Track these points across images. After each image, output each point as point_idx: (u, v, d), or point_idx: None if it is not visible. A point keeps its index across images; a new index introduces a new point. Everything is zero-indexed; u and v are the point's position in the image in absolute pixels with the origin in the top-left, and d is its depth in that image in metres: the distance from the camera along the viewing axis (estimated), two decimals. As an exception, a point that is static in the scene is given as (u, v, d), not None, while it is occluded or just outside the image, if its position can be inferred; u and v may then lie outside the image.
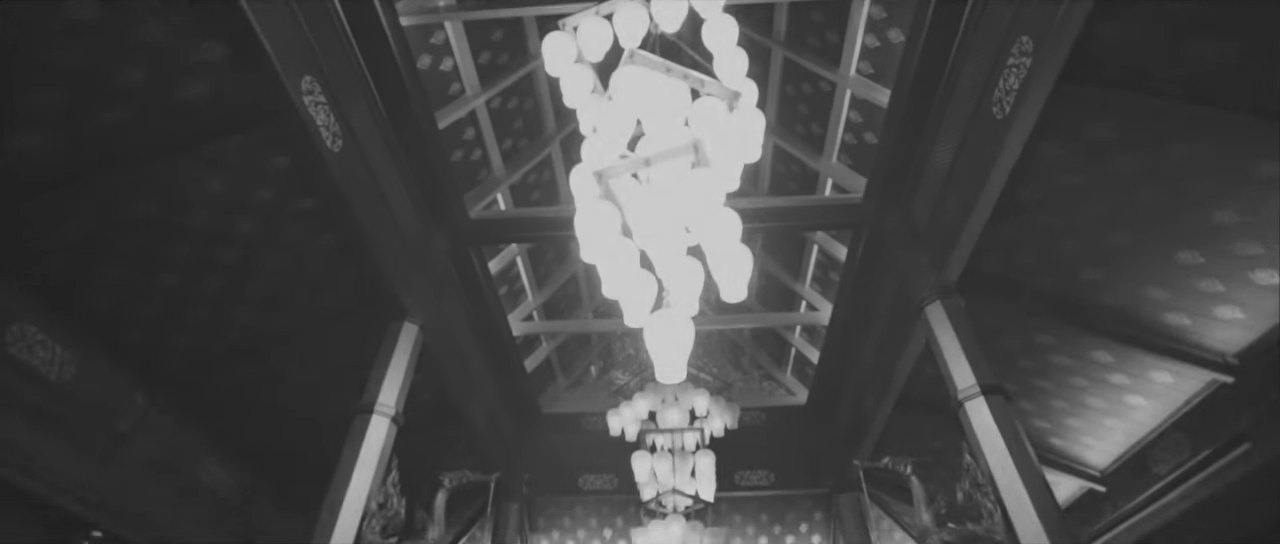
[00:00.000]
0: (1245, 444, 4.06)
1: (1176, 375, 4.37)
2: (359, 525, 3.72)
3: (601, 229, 2.76)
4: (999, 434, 3.71)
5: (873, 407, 6.17)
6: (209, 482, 5.07)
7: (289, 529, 5.98)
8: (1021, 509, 3.39)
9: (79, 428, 3.99)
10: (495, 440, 6.89)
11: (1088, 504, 5.64)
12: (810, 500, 7.76)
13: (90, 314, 3.90)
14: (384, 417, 4.24)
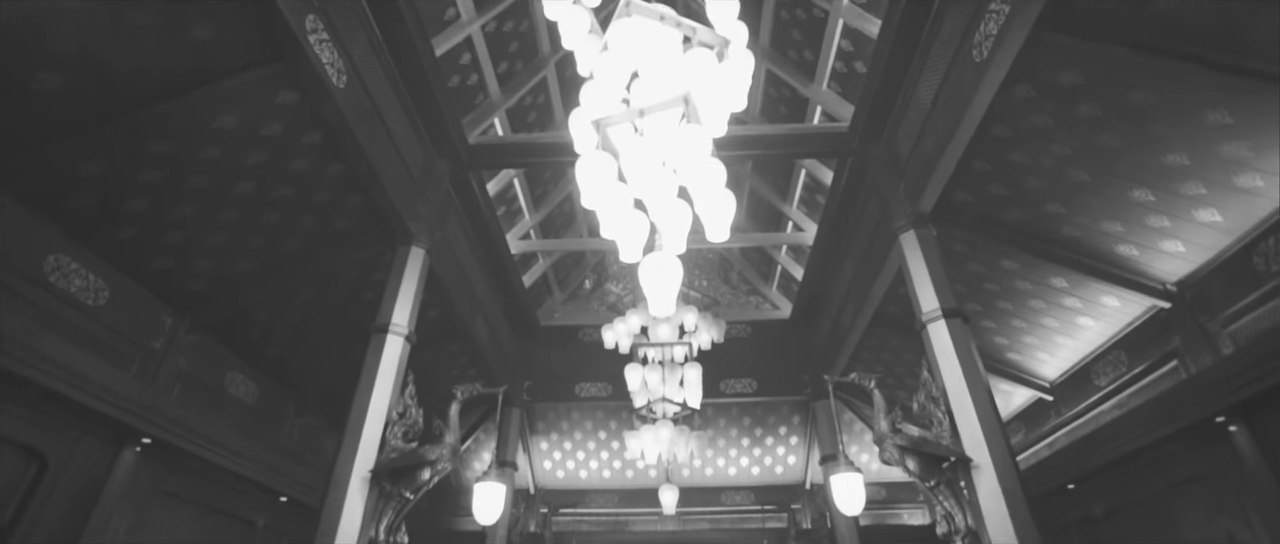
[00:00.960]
0: (1173, 361, 4.54)
1: (1122, 300, 4.79)
2: (383, 432, 4.17)
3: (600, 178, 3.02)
4: (955, 353, 4.13)
5: (850, 322, 6.63)
6: (235, 392, 5.51)
7: (308, 430, 6.53)
8: (967, 419, 3.86)
9: (118, 347, 4.36)
10: (497, 353, 7.35)
11: (1037, 411, 6.23)
12: (789, 406, 8.40)
13: (118, 244, 4.16)
14: (398, 336, 4.61)
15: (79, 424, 3.82)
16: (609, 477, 9.03)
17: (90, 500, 3.88)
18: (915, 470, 3.85)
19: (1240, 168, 3.71)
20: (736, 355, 8.09)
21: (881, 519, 8.41)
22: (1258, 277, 3.95)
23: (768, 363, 8.22)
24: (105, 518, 3.96)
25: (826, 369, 7.22)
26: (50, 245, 3.88)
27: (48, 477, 3.69)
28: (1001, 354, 5.99)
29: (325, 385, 6.15)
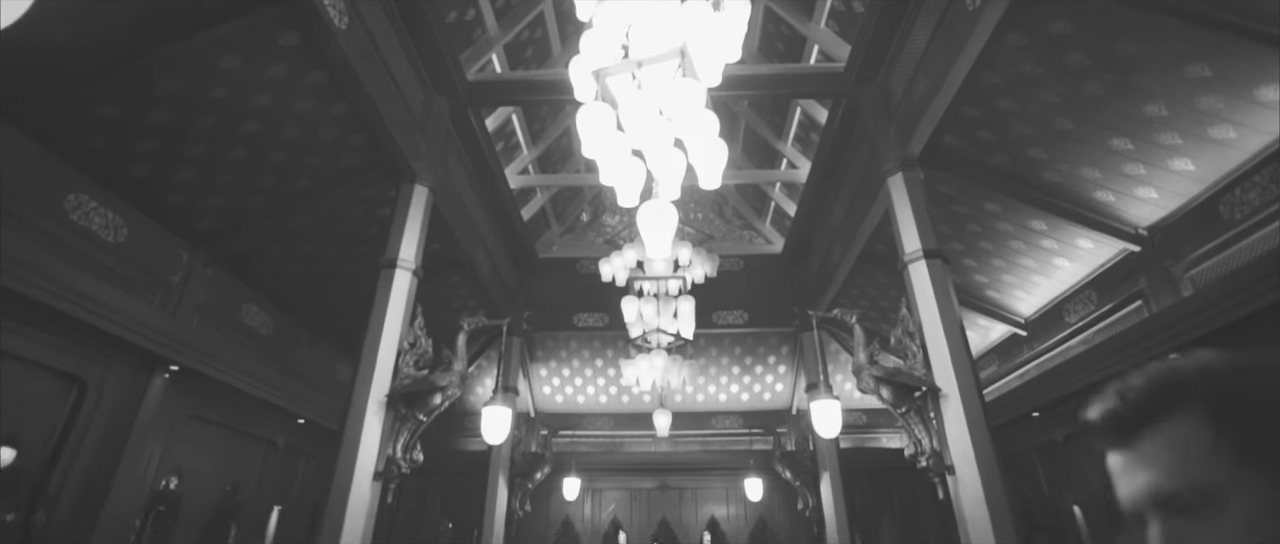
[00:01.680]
0: (1138, 301, 4.82)
1: (1096, 243, 5.02)
2: (395, 361, 4.45)
3: (599, 128, 3.18)
4: (932, 292, 4.38)
5: (838, 259, 6.88)
6: (250, 322, 5.78)
7: (321, 357, 6.86)
8: (939, 352, 4.15)
9: (140, 281, 4.57)
10: (498, 284, 7.61)
11: (1011, 345, 6.58)
12: (778, 337, 8.76)
13: (133, 183, 4.30)
14: (406, 271, 4.83)
15: (111, 353, 4.08)
16: (605, 402, 9.49)
17: (127, 423, 4.20)
18: (889, 398, 4.17)
19: (1215, 120, 3.86)
20: (729, 288, 8.37)
21: (861, 442, 8.94)
22: (1222, 224, 4.17)
23: (759, 296, 8.51)
24: (141, 438, 4.29)
25: (815, 303, 7.53)
26: (70, 185, 4.03)
27: (88, 400, 3.99)
28: (981, 292, 6.27)
29: (335, 316, 6.42)
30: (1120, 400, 0.69)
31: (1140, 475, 0.66)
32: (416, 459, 4.35)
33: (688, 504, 8.76)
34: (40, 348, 3.65)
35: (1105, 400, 0.71)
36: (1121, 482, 0.68)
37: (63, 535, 3.76)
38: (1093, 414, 0.71)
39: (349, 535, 3.82)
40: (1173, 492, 0.63)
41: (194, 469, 4.88)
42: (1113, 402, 0.70)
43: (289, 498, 5.96)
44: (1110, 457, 0.69)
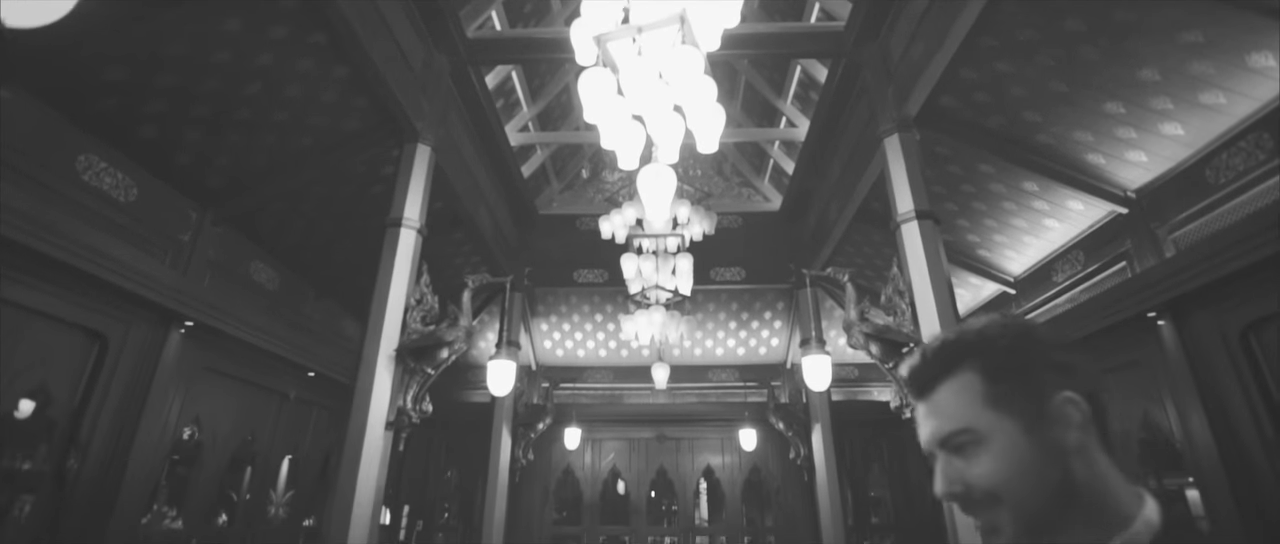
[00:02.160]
0: (1123, 262, 4.97)
1: (1086, 204, 5.13)
2: (403, 317, 4.62)
3: (600, 93, 3.26)
4: (923, 252, 4.52)
5: (835, 217, 6.99)
6: (258, 279, 5.92)
7: (327, 313, 7.03)
8: (927, 310, 4.31)
9: (152, 239, 4.69)
10: (499, 241, 7.73)
11: (1000, 303, 6.76)
12: (775, 293, 8.94)
13: (142, 144, 4.38)
14: (411, 229, 4.95)
15: (131, 310, 4.23)
16: (605, 355, 9.74)
17: (148, 376, 4.38)
18: (877, 354, 4.36)
19: (1205, 85, 3.93)
20: (727, 245, 8.50)
21: (853, 395, 9.23)
22: (1208, 188, 4.28)
23: (756, 253, 8.65)
24: (162, 390, 4.48)
25: (811, 260, 7.67)
26: (80, 146, 4.10)
27: (110, 355, 4.15)
28: (973, 251, 6.41)
29: (340, 273, 6.56)
30: (922, 359, 0.82)
31: (932, 421, 0.80)
32: (426, 410, 4.55)
33: (685, 454, 9.09)
34: (64, 305, 3.79)
35: (912, 360, 0.84)
36: (921, 426, 0.82)
37: (94, 480, 3.98)
38: (903, 371, 0.87)
39: (364, 481, 4.05)
40: (950, 433, 0.77)
41: (212, 420, 5.09)
42: (917, 360, 0.83)
43: (301, 447, 6.22)
44: (916, 406, 0.82)
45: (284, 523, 6.07)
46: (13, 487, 4.13)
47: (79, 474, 3.87)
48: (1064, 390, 0.76)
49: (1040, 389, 0.76)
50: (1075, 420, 0.74)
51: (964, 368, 0.79)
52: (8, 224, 3.23)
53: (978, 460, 0.75)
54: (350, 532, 3.89)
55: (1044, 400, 0.75)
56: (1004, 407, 0.75)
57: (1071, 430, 0.74)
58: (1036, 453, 0.73)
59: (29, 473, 4.49)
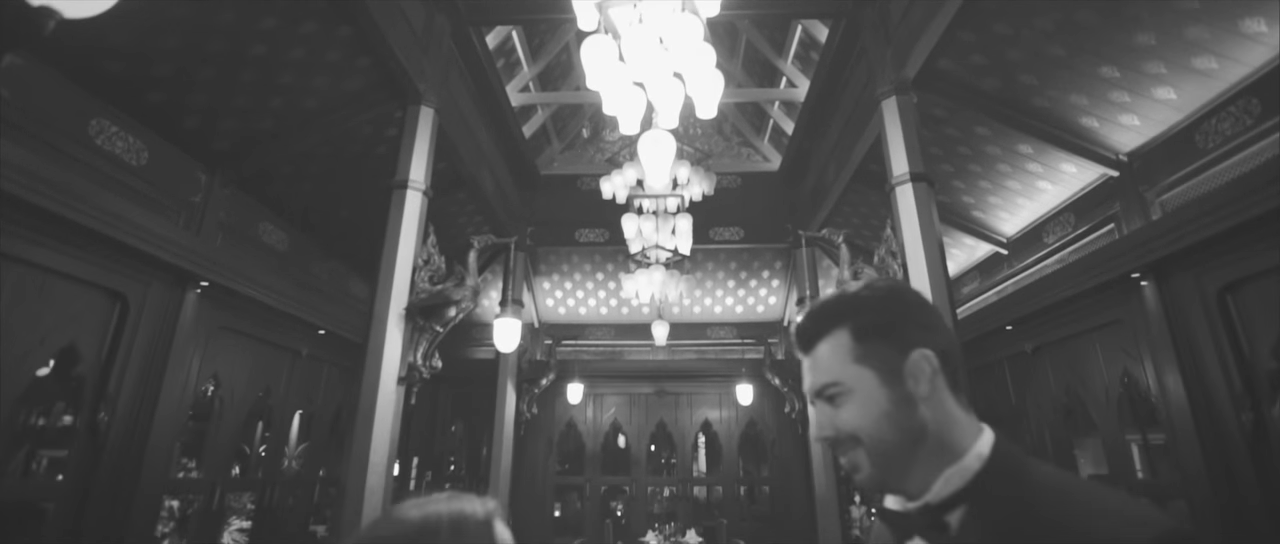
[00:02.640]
0: (1111, 224, 5.09)
1: (1079, 167, 5.22)
2: (412, 277, 4.77)
3: (602, 60, 3.34)
4: (916, 214, 4.63)
5: (832, 178, 7.08)
6: (267, 240, 6.05)
7: (335, 273, 7.18)
8: (918, 271, 4.46)
9: (164, 201, 4.80)
10: (501, 201, 7.83)
11: (993, 263, 6.90)
12: (773, 253, 9.08)
13: (150, 107, 4.44)
14: (416, 191, 5.05)
15: (149, 271, 4.37)
16: (606, 313, 9.94)
17: (168, 335, 4.55)
18: (870, 315, 4.53)
19: (1199, 50, 3.98)
20: (726, 205, 8.60)
21: (848, 351, 9.47)
22: (1196, 152, 4.37)
23: (755, 213, 8.75)
24: (182, 348, 4.65)
25: (809, 220, 7.79)
26: (91, 110, 4.18)
27: (131, 315, 4.32)
28: (968, 212, 6.52)
29: (347, 232, 6.68)
30: (805, 319, 0.94)
31: (811, 374, 0.92)
32: (435, 366, 4.75)
33: (683, 408, 9.38)
34: (86, 267, 3.93)
35: (800, 319, 0.96)
36: (804, 377, 0.94)
37: (124, 433, 4.19)
38: (792, 331, 1.00)
39: (378, 433, 4.27)
40: (824, 385, 0.89)
41: (229, 376, 5.29)
42: (802, 320, 0.95)
43: (314, 402, 6.46)
44: (802, 360, 0.94)
45: (298, 474, 6.35)
46: (54, 440, 4.36)
47: (110, 427, 4.08)
48: (918, 347, 0.87)
49: (898, 347, 0.87)
50: (926, 373, 0.86)
51: (837, 328, 0.90)
52: (33, 190, 3.34)
53: (845, 408, 0.87)
54: (367, 480, 4.12)
55: (901, 357, 0.86)
56: (867, 362, 0.87)
57: (922, 382, 0.85)
58: (892, 402, 0.85)
59: (65, 429, 4.70)
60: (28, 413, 5.36)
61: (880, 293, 0.93)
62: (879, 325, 0.89)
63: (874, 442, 0.85)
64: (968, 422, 0.88)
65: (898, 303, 0.92)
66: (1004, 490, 0.79)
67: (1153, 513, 0.73)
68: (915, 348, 0.87)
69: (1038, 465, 0.83)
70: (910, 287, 0.97)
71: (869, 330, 0.89)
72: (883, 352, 0.88)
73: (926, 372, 0.86)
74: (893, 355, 0.87)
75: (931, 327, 0.91)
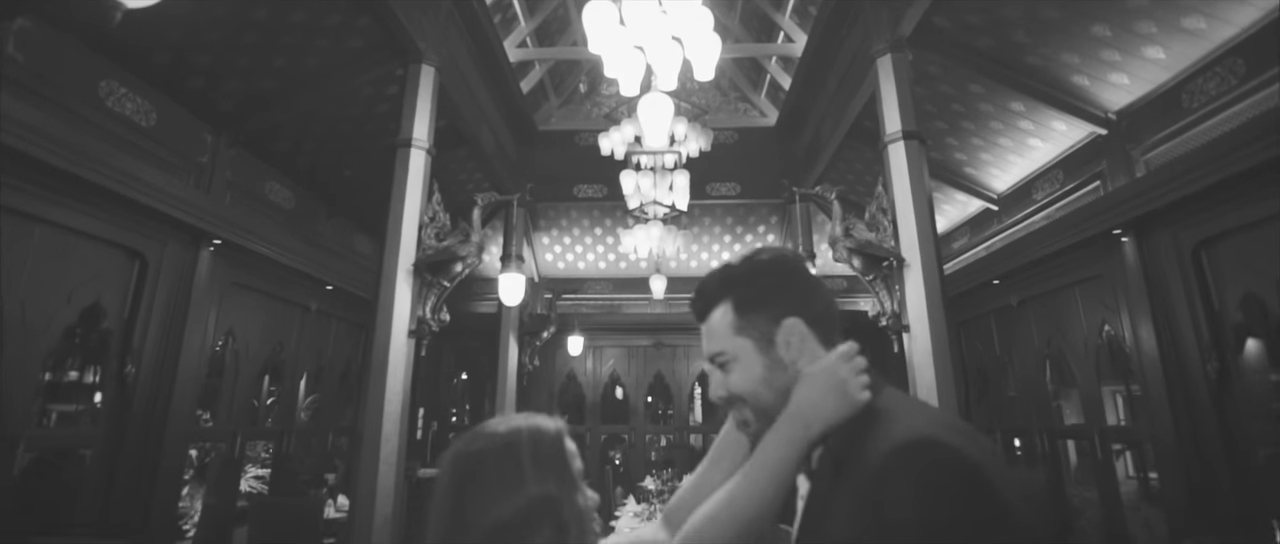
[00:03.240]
0: (1098, 181, 5.23)
1: (1069, 125, 5.33)
2: (418, 234, 4.91)
3: (604, 24, 3.42)
4: (908, 172, 4.77)
5: (828, 134, 7.16)
6: (274, 198, 6.16)
7: (340, 229, 7.32)
8: (908, 227, 4.62)
9: (174, 162, 4.91)
10: (501, 157, 7.91)
11: (984, 218, 7.06)
12: (769, 208, 9.20)
13: (157, 69, 4.50)
14: (420, 149, 5.15)
15: (166, 230, 4.51)
16: (604, 267, 10.12)
17: (185, 291, 4.72)
18: (859, 267, 4.71)
19: (1188, 10, 4.06)
20: (723, 161, 8.67)
21: (841, 305, 9.69)
22: (1182, 111, 4.49)
23: (751, 168, 8.84)
24: (199, 304, 4.83)
25: (805, 175, 7.89)
26: (100, 72, 4.24)
27: (150, 272, 4.48)
28: (960, 168, 6.64)
29: (351, 190, 6.79)
30: (697, 293, 1.04)
31: (705, 343, 1.02)
32: (444, 319, 4.94)
33: (680, 360, 9.66)
34: (106, 226, 4.07)
35: (697, 290, 1.05)
36: (703, 345, 1.04)
37: (150, 384, 4.41)
38: (691, 301, 1.07)
39: (392, 384, 4.48)
40: (714, 354, 1.00)
41: (243, 331, 5.49)
42: (697, 292, 1.04)
43: (324, 355, 6.68)
44: (701, 328, 1.04)
45: (310, 423, 6.63)
46: (87, 391, 4.57)
47: (137, 378, 4.30)
48: (789, 316, 0.96)
49: (772, 317, 0.97)
50: (794, 340, 0.96)
51: (722, 302, 1.01)
52: (54, 152, 3.46)
53: (732, 374, 0.98)
54: (383, 428, 4.36)
55: (774, 326, 0.96)
56: (746, 333, 0.98)
57: (792, 348, 0.95)
58: (767, 367, 0.96)
59: (73, 384, 4.91)
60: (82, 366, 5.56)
61: (757, 267, 1.02)
62: (755, 299, 0.98)
63: (755, 401, 0.97)
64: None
65: (772, 276, 1.00)
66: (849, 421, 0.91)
67: (941, 422, 0.83)
68: (786, 317, 0.97)
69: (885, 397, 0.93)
70: (789, 257, 1.05)
71: (746, 304, 0.98)
72: (758, 323, 0.97)
73: (795, 338, 0.96)
74: (767, 325, 0.97)
75: (804, 294, 1.00)
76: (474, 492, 0.98)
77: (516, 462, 0.99)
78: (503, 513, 0.95)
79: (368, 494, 4.22)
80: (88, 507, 4.05)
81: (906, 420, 0.84)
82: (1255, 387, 4.05)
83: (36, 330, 3.68)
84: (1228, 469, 3.96)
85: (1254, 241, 3.78)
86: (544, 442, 1.03)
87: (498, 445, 1.01)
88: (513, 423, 1.05)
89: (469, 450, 1.02)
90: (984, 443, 0.82)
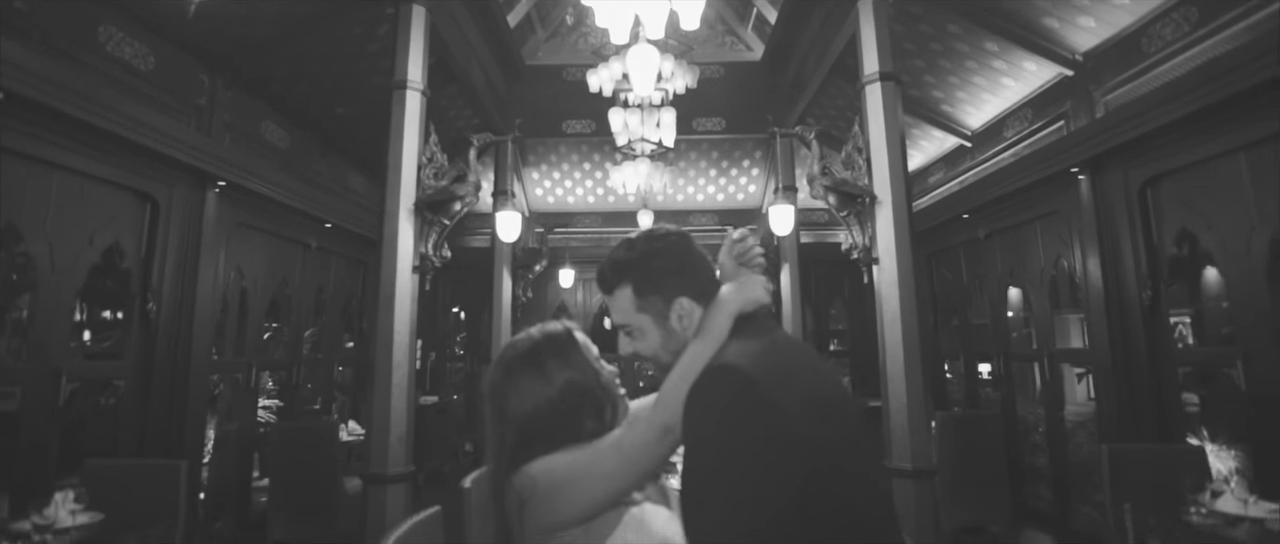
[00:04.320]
0: (1062, 121, 5.52)
1: (1039, 66, 5.55)
2: (418, 174, 5.12)
3: (595, -24, 3.58)
4: (883, 112, 5.00)
5: (811, 71, 7.31)
6: (270, 138, 6.29)
7: (334, 167, 7.47)
8: (881, 166, 4.90)
9: (175, 105, 5.02)
10: (491, 94, 7.99)
11: (958, 154, 7.34)
12: (753, 142, 9.40)
13: (151, 12, 4.56)
14: (415, 91, 5.27)
15: (173, 173, 4.69)
16: (593, 201, 10.35)
17: (196, 231, 4.95)
18: (834, 204, 5.02)
19: (1154, -45, 4.24)
20: (709, 95, 8.77)
21: (822, 237, 10.06)
22: (1141, 55, 4.73)
23: (736, 102, 8.96)
24: (210, 243, 5.07)
25: (789, 111, 8.08)
26: (98, 17, 4.31)
27: (161, 214, 4.69)
28: (937, 105, 6.87)
29: (344, 128, 6.91)
30: (601, 273, 1.26)
31: (613, 315, 1.26)
32: (445, 255, 5.23)
33: (667, 290, 10.06)
34: (118, 171, 4.25)
35: (600, 273, 1.27)
36: (611, 314, 1.27)
37: (170, 321, 4.71)
38: (598, 280, 1.29)
39: (399, 317, 4.80)
40: (621, 324, 1.24)
41: (251, 268, 5.76)
42: (602, 271, 1.24)
43: (325, 290, 6.98)
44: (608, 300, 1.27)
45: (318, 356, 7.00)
46: (115, 328, 4.84)
47: (159, 315, 4.59)
48: (680, 296, 1.19)
49: (665, 297, 1.18)
50: (683, 314, 1.18)
51: (623, 283, 1.22)
52: (67, 100, 3.61)
53: (637, 341, 1.24)
54: (393, 356, 4.71)
55: (667, 305, 1.18)
56: (645, 310, 1.20)
57: (683, 320, 1.18)
58: (663, 336, 1.20)
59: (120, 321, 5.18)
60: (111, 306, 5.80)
61: (650, 253, 1.21)
62: (651, 283, 1.19)
63: (656, 360, 1.23)
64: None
65: (664, 261, 1.20)
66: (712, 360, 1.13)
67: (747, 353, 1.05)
68: (678, 297, 1.18)
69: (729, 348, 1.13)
70: (675, 242, 1.24)
71: (644, 287, 1.19)
72: (654, 302, 1.19)
73: (685, 315, 1.19)
74: (661, 304, 1.18)
75: (691, 274, 1.19)
76: (510, 392, 1.29)
77: (539, 361, 1.28)
78: (538, 403, 1.25)
79: (383, 418, 4.62)
80: (127, 433, 4.43)
81: (717, 357, 1.09)
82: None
83: (65, 270, 3.94)
84: (1151, 383, 4.46)
85: (1191, 181, 4.13)
86: (558, 339, 1.32)
87: (521, 353, 1.31)
88: (528, 333, 1.36)
89: (501, 362, 1.33)
90: (783, 367, 1.04)
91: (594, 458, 1.16)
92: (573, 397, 1.25)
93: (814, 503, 0.90)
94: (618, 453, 1.15)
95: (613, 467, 1.14)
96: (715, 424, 0.95)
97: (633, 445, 1.14)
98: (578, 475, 1.14)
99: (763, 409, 0.93)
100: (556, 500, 1.13)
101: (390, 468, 4.55)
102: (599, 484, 1.13)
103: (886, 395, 4.64)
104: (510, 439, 1.24)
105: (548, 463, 1.17)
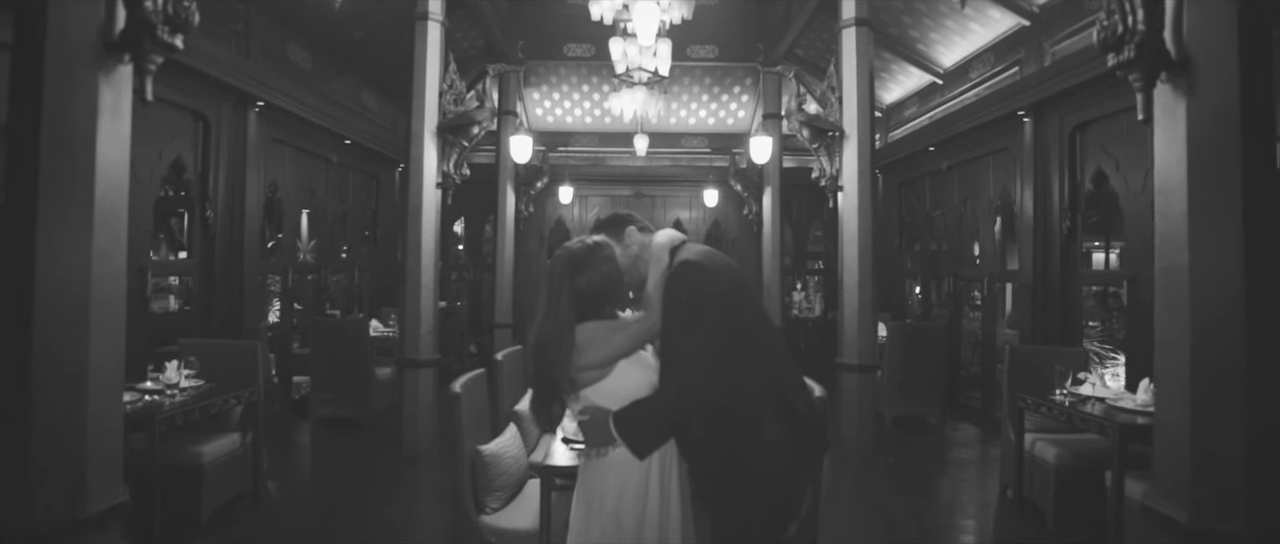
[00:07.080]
0: (1016, 67, 6.12)
1: (1002, 14, 6.08)
2: (439, 101, 5.68)
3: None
4: (856, 55, 5.57)
5: (798, 10, 7.75)
6: (295, 60, 6.75)
7: (349, 87, 7.94)
8: (851, 104, 5.53)
9: (216, 31, 5.50)
10: (496, 18, 8.36)
11: (930, 90, 7.91)
12: (744, 70, 9.83)
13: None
14: (436, 21, 5.75)
15: (220, 95, 5.25)
16: (591, 122, 10.86)
17: (241, 147, 5.55)
18: (807, 137, 5.68)
19: (1100, -78, 4.75)
20: (702, 22, 9.13)
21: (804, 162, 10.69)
22: (1083, 12, 5.31)
23: (729, 31, 9.33)
24: (255, 160, 5.68)
25: (777, 43, 8.53)
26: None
27: (212, 131, 5.29)
28: (914, 45, 7.39)
29: (360, 50, 7.34)
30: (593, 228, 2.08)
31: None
32: (465, 173, 5.88)
33: (658, 208, 10.76)
34: (176, 93, 4.81)
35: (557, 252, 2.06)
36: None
37: (226, 226, 5.40)
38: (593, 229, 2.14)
39: (426, 228, 5.49)
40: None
41: (284, 181, 6.40)
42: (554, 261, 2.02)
43: (346, 201, 7.64)
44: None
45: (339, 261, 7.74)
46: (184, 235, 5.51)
47: (216, 221, 5.29)
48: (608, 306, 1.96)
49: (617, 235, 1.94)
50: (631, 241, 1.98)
51: (598, 231, 2.01)
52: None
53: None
54: (422, 261, 5.44)
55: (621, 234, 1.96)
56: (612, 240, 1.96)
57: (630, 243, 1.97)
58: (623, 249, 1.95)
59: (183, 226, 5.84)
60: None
61: (587, 248, 1.90)
62: (610, 229, 2.00)
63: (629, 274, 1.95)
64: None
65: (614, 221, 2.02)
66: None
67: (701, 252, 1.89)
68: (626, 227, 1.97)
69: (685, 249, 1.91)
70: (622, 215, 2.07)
71: (610, 231, 2.00)
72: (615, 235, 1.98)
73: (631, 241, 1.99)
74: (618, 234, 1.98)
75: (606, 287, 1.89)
76: (578, 274, 2.00)
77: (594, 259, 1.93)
78: (593, 280, 1.93)
79: (414, 314, 5.41)
80: (197, 320, 5.22)
81: (678, 256, 1.82)
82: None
83: (143, 180, 4.58)
84: (1062, 302, 5.34)
85: (1110, 128, 4.84)
86: (603, 246, 1.99)
87: (582, 251, 1.98)
88: (583, 240, 2.04)
89: (567, 256, 1.99)
90: (719, 261, 1.85)
91: (614, 329, 1.92)
92: (609, 282, 1.99)
93: (738, 335, 1.70)
94: (625, 330, 1.90)
95: (622, 338, 1.89)
96: (685, 290, 1.72)
97: (634, 326, 1.91)
98: (603, 338, 1.90)
99: (709, 280, 1.72)
100: (589, 352, 1.90)
101: (422, 354, 5.39)
102: (615, 344, 1.89)
103: (840, 303, 5.49)
104: (566, 306, 1.98)
105: (587, 328, 1.92)
